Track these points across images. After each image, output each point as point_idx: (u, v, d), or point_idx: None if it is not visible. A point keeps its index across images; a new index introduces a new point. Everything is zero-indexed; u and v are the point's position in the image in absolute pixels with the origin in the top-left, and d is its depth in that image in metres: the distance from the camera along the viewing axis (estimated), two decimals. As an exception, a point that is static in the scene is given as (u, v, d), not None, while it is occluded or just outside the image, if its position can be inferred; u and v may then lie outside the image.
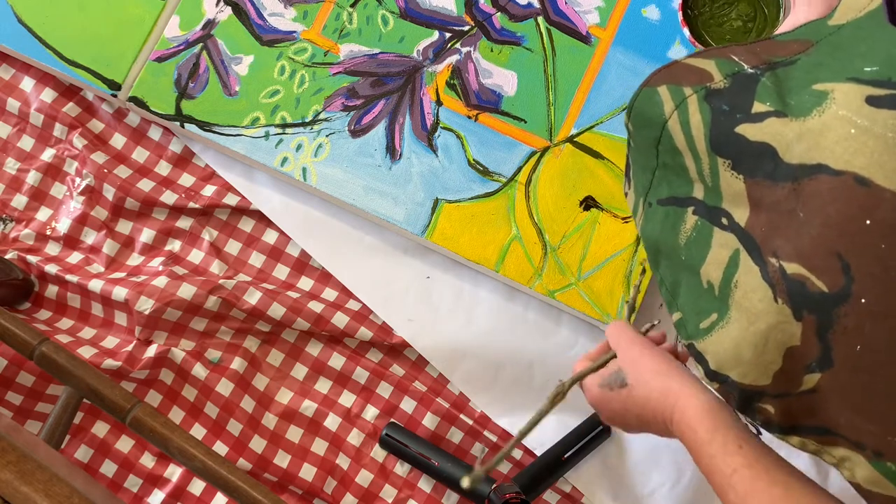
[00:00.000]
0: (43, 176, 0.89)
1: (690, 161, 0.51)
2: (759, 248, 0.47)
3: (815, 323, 0.43)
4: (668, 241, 0.54)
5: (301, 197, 0.87)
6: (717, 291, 0.50)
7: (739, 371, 0.49)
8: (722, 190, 0.50)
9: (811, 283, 0.43)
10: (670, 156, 0.53)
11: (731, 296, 0.48)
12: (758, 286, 0.46)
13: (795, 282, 0.44)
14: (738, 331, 0.48)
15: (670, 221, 0.54)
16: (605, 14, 0.87)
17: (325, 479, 0.85)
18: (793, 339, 0.45)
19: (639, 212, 0.59)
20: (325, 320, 0.84)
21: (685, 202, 0.53)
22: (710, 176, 0.50)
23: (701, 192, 0.52)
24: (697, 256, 0.51)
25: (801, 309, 0.44)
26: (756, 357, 0.47)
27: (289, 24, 0.87)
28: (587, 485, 0.84)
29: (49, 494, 0.46)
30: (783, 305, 0.45)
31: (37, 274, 0.87)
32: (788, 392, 0.47)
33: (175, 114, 0.85)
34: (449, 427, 0.84)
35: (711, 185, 0.50)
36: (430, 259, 0.86)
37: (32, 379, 0.85)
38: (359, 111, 0.85)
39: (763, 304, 0.46)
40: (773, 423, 0.50)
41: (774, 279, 0.45)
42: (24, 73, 0.90)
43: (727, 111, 0.49)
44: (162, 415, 0.69)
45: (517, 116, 0.85)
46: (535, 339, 0.85)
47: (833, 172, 0.43)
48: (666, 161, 0.54)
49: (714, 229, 0.50)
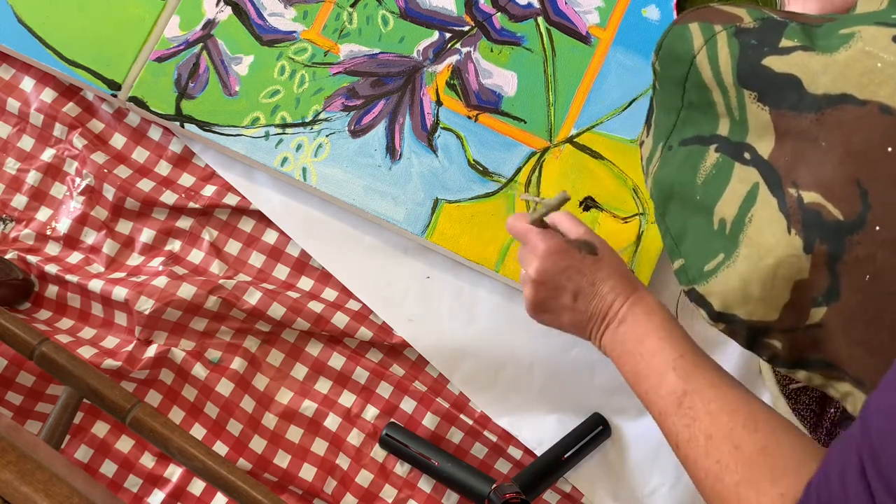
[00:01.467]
0: (43, 176, 0.89)
1: (718, 95, 0.52)
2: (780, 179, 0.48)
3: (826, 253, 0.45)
4: (685, 181, 0.55)
5: (301, 197, 0.87)
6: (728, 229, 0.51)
7: (747, 309, 0.50)
8: (749, 123, 0.51)
9: (827, 212, 0.44)
10: (697, 92, 0.54)
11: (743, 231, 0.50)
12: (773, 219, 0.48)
13: (812, 211, 0.45)
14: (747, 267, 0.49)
15: (691, 161, 0.56)
16: (605, 14, 0.87)
17: (325, 479, 0.85)
18: (802, 273, 0.46)
19: (654, 158, 0.60)
20: (325, 320, 0.84)
21: (709, 140, 0.54)
22: (737, 109, 0.51)
23: (726, 129, 0.53)
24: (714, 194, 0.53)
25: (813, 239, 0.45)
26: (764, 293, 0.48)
27: (289, 24, 0.87)
28: (587, 485, 0.84)
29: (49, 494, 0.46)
30: (795, 237, 0.46)
31: (37, 274, 0.87)
32: (795, 327, 0.48)
33: (175, 114, 0.85)
34: (449, 427, 0.84)
35: (738, 118, 0.52)
36: (430, 259, 0.86)
37: (32, 379, 0.85)
38: (359, 111, 0.85)
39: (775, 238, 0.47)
40: (780, 358, 0.52)
41: (791, 210, 0.46)
42: (24, 73, 0.90)
43: (755, 45, 0.50)
44: (162, 415, 0.69)
45: (517, 117, 0.85)
46: (535, 339, 0.85)
47: (858, 102, 0.44)
48: (692, 99, 0.55)
49: (735, 164, 0.52)
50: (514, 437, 0.84)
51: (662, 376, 0.57)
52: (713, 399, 0.53)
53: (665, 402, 0.56)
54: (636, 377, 0.60)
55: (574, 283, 0.64)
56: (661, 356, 0.58)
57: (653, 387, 0.58)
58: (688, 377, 0.56)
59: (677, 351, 0.58)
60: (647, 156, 0.62)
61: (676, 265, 0.56)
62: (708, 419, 0.52)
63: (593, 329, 0.65)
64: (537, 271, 0.65)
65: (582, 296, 0.64)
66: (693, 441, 0.52)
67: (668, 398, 0.56)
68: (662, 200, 0.58)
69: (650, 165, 0.61)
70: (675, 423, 0.54)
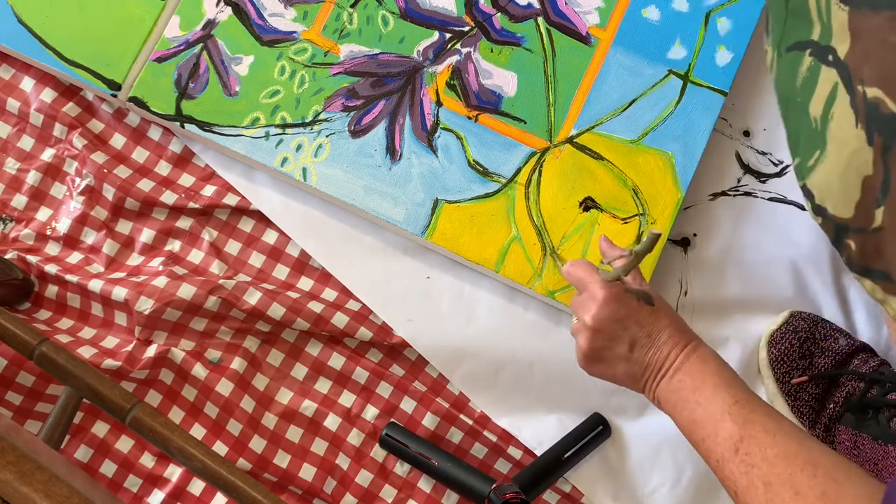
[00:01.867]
0: (43, 176, 0.89)
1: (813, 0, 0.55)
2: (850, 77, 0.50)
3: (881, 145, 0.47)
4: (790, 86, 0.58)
5: (301, 197, 0.87)
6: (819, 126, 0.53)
7: (832, 202, 0.53)
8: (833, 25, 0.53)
9: (884, 105, 0.47)
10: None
11: (828, 127, 0.52)
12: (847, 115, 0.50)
13: (872, 104, 0.47)
14: (831, 162, 0.52)
15: (792, 66, 0.58)
16: (605, 15, 0.87)
17: (325, 479, 0.85)
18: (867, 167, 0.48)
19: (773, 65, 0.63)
20: (325, 320, 0.84)
21: (805, 45, 0.57)
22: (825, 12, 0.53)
23: (817, 34, 0.55)
24: (808, 94, 0.55)
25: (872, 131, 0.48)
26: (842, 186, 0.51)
27: (289, 25, 0.87)
28: (587, 485, 0.84)
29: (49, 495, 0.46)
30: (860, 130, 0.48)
31: (37, 274, 0.87)
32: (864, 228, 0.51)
33: (175, 114, 0.85)
34: (449, 427, 0.84)
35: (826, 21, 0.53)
36: (430, 259, 0.86)
37: (32, 379, 0.85)
38: (359, 111, 0.85)
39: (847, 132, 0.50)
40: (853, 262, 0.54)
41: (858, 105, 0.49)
42: (24, 73, 0.90)
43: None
44: (162, 415, 0.69)
45: (517, 117, 0.85)
46: (535, 339, 0.85)
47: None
48: (794, 6, 0.58)
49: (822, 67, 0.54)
50: (514, 437, 0.84)
51: (719, 423, 0.57)
52: (770, 445, 0.53)
53: (722, 449, 0.56)
54: (693, 425, 0.60)
55: (631, 332, 0.64)
56: (717, 402, 0.58)
57: (710, 434, 0.57)
58: (744, 423, 0.56)
59: (733, 397, 0.58)
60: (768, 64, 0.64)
61: (795, 163, 0.58)
62: (766, 466, 0.52)
63: (648, 380, 0.64)
64: (595, 318, 0.64)
65: (639, 346, 0.64)
66: (752, 488, 0.52)
67: (725, 444, 0.56)
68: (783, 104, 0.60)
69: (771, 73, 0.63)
70: (733, 470, 0.55)
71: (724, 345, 0.85)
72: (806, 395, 0.81)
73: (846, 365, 0.81)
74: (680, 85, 0.85)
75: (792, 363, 0.82)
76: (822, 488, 0.49)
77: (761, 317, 0.86)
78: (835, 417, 0.80)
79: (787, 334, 0.82)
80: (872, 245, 0.51)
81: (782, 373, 0.82)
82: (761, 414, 0.56)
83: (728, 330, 0.86)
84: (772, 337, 0.83)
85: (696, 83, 0.85)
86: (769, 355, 0.83)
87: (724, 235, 0.87)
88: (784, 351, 0.82)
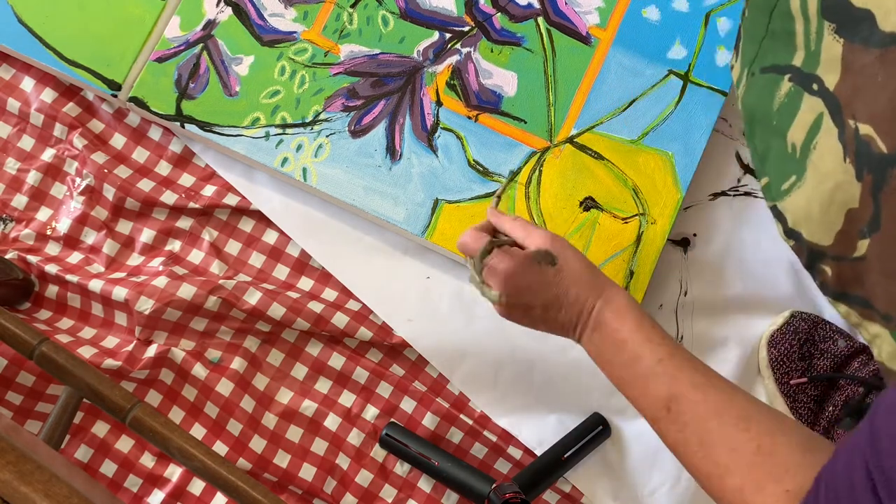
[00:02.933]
0: (43, 176, 0.89)
1: (800, 25, 0.54)
2: (841, 110, 0.50)
3: (871, 182, 0.47)
4: (764, 107, 0.58)
5: (301, 197, 0.87)
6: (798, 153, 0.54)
7: (808, 229, 0.53)
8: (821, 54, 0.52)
9: (875, 144, 0.47)
10: (781, 21, 0.56)
11: (809, 157, 0.52)
12: (833, 147, 0.50)
13: (863, 142, 0.47)
14: (811, 189, 0.52)
15: (768, 88, 0.58)
16: (605, 14, 0.87)
17: (325, 479, 0.85)
18: (853, 201, 0.49)
19: (742, 82, 0.63)
20: (325, 320, 0.84)
21: (784, 69, 0.56)
22: (815, 40, 0.53)
23: (800, 60, 0.55)
24: (786, 120, 0.55)
25: (862, 168, 0.48)
26: (822, 215, 0.51)
27: (289, 25, 0.87)
28: (587, 485, 0.84)
29: (48, 495, 0.46)
30: (849, 165, 0.48)
31: (37, 274, 0.87)
32: (844, 256, 0.51)
33: (175, 114, 0.85)
34: (449, 427, 0.84)
35: (814, 49, 0.53)
36: (430, 259, 0.86)
37: (32, 379, 0.85)
38: (359, 111, 0.85)
39: (833, 165, 0.50)
40: (829, 286, 0.54)
41: (848, 140, 0.49)
42: (24, 73, 0.90)
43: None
44: (162, 415, 0.69)
45: (517, 117, 0.85)
46: (535, 339, 0.85)
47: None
48: (775, 28, 0.58)
49: (804, 94, 0.54)
50: (514, 437, 0.84)
51: (646, 384, 0.56)
52: (699, 401, 0.53)
53: (654, 409, 0.55)
54: (621, 384, 0.59)
55: (540, 298, 0.63)
56: (642, 362, 0.57)
57: (639, 395, 0.57)
58: (672, 381, 0.55)
59: (657, 355, 0.56)
60: (735, 79, 0.65)
61: (763, 182, 0.58)
62: (697, 423, 0.52)
63: (572, 337, 0.64)
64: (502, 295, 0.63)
65: (551, 308, 0.63)
66: (688, 446, 0.52)
67: (656, 405, 0.55)
68: (749, 122, 0.60)
69: (738, 89, 0.63)
70: (667, 428, 0.54)
71: (724, 345, 0.85)
72: (805, 397, 0.81)
73: (846, 367, 0.81)
74: (680, 85, 0.85)
75: (792, 364, 0.82)
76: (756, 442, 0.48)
77: (761, 317, 0.86)
78: (834, 420, 0.80)
79: (788, 335, 0.82)
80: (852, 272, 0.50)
81: (782, 373, 0.82)
82: (688, 370, 0.55)
83: (728, 330, 0.86)
84: (772, 337, 0.83)
85: (696, 83, 0.85)
86: (769, 356, 0.83)
87: (724, 235, 0.87)
88: (784, 352, 0.82)
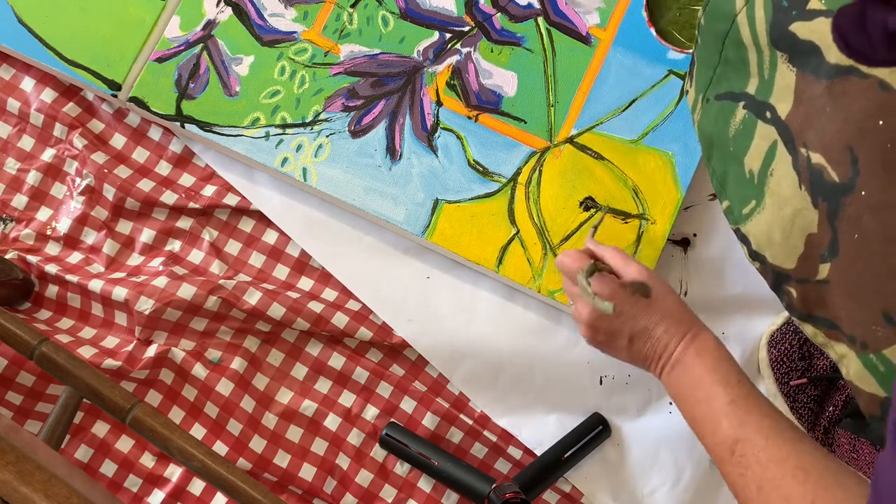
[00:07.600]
0: (43, 176, 0.89)
1: (753, 54, 0.55)
2: (793, 139, 0.51)
3: (826, 209, 0.48)
4: (720, 133, 0.59)
5: (301, 197, 0.87)
6: (756, 180, 0.54)
7: (771, 252, 0.54)
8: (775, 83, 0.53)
9: (827, 173, 0.48)
10: (734, 49, 0.57)
11: (767, 183, 0.53)
12: (788, 174, 0.51)
13: (816, 171, 0.48)
14: (771, 215, 0.53)
15: (723, 115, 0.58)
16: (606, 15, 0.87)
17: (325, 478, 0.85)
18: (812, 226, 0.49)
19: (697, 107, 0.64)
20: (325, 320, 0.84)
21: (738, 97, 0.57)
22: (768, 69, 0.54)
23: (754, 87, 0.56)
24: (742, 147, 0.56)
25: (817, 196, 0.48)
26: (784, 240, 0.52)
27: (289, 25, 0.87)
28: (587, 485, 0.84)
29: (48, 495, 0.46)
30: (805, 192, 0.49)
31: (37, 274, 0.87)
32: (807, 279, 0.51)
33: (175, 114, 0.85)
34: (449, 427, 0.84)
35: (767, 77, 0.54)
36: (430, 259, 0.86)
37: (32, 379, 0.85)
38: (359, 111, 0.85)
39: (790, 191, 0.50)
40: (795, 308, 0.54)
41: (801, 168, 0.50)
42: (24, 73, 0.90)
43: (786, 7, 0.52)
44: (162, 415, 0.69)
45: (517, 117, 0.85)
46: (535, 339, 0.85)
47: (862, 75, 0.47)
48: (729, 56, 0.58)
49: (758, 122, 0.54)
50: (514, 437, 0.84)
51: (715, 423, 0.57)
52: (763, 448, 0.54)
53: (719, 450, 0.56)
54: (693, 422, 0.60)
55: (628, 327, 0.64)
56: (715, 402, 0.58)
57: (708, 433, 0.58)
58: (740, 425, 0.56)
59: (729, 395, 0.58)
60: (690, 104, 0.65)
61: (724, 206, 0.59)
62: (758, 469, 0.53)
63: (652, 370, 0.65)
64: (588, 319, 0.65)
65: (637, 339, 0.64)
66: (747, 490, 0.53)
67: (722, 446, 0.56)
68: (706, 147, 0.61)
69: (693, 114, 0.64)
70: (729, 471, 0.55)
71: (724, 345, 0.85)
72: (805, 397, 0.81)
73: (846, 366, 0.81)
74: (680, 85, 0.85)
75: (792, 364, 0.82)
76: (811, 497, 0.49)
77: (761, 317, 0.86)
78: (834, 420, 0.80)
79: (788, 335, 0.82)
80: (816, 295, 0.51)
81: (782, 373, 0.82)
82: (757, 414, 0.56)
83: (728, 330, 0.86)
84: (772, 337, 0.83)
85: (696, 83, 0.85)
86: (769, 355, 0.83)
87: (724, 235, 0.87)
88: (784, 351, 0.82)
